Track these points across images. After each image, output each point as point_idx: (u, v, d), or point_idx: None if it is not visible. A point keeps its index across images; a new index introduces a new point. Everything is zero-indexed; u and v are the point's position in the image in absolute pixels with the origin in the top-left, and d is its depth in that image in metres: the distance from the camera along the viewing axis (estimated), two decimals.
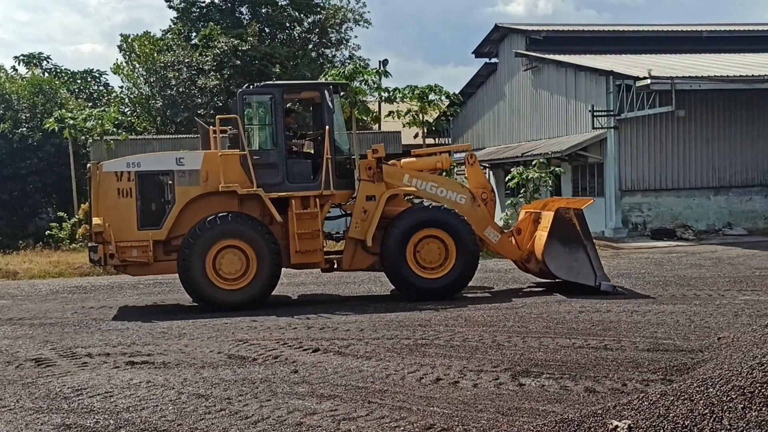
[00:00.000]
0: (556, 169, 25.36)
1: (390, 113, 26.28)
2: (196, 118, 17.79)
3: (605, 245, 23.28)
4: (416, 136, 29.28)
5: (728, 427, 4.20)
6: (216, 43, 39.12)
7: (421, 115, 26.11)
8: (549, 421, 5.36)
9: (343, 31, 45.48)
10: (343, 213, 15.14)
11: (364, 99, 26.39)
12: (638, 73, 23.65)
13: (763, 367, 4.58)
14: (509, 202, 25.90)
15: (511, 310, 12.44)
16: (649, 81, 22.49)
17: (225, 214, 13.54)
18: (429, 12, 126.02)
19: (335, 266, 14.56)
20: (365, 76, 24.98)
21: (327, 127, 13.93)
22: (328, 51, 45.63)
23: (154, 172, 13.91)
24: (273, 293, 14.00)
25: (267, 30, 43.31)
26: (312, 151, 14.74)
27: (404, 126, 27.61)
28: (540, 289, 14.89)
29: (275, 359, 9.38)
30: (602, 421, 5.00)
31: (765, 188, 26.25)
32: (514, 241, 15.29)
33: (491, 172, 32.69)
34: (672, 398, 4.77)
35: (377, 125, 37.37)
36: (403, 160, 15.25)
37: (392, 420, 6.78)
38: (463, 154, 15.99)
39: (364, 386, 7.97)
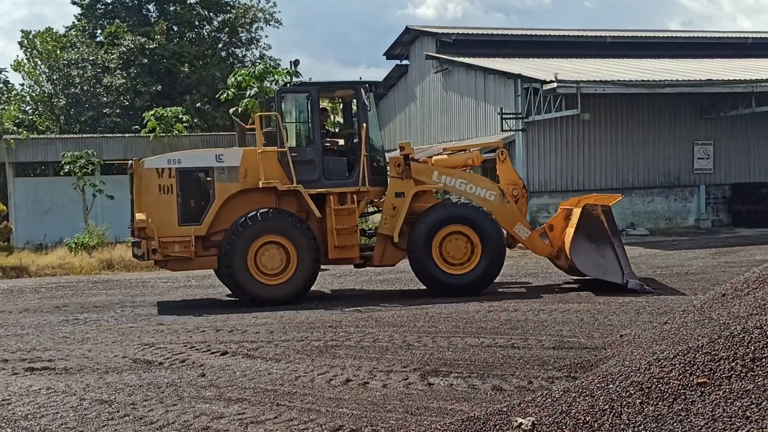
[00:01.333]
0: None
1: None
2: (232, 116, 17.77)
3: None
4: None
5: (627, 421, 4.30)
6: (122, 41, 38.22)
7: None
8: (456, 419, 5.40)
9: (253, 30, 45.04)
10: (377, 209, 15.42)
11: None
12: (545, 76, 24.10)
13: (659, 363, 4.71)
14: None
15: (421, 310, 12.52)
16: (555, 85, 22.95)
17: (266, 210, 13.80)
18: (340, 13, 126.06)
19: (367, 262, 14.82)
20: (276, 77, 24.77)
21: (363, 124, 14.26)
22: (238, 50, 45.12)
23: (194, 168, 14.16)
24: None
25: (175, 28, 42.57)
26: (345, 149, 15.00)
27: None
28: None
29: (182, 363, 9.22)
30: (507, 418, 5.06)
31: (665, 190, 27.10)
32: (547, 239, 15.33)
33: None
34: (574, 395, 4.87)
35: None
36: (434, 157, 15.44)
37: (301, 422, 6.73)
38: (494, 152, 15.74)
39: (273, 389, 7.90)
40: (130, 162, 14.77)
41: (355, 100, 14.82)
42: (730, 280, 8.99)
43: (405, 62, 34.48)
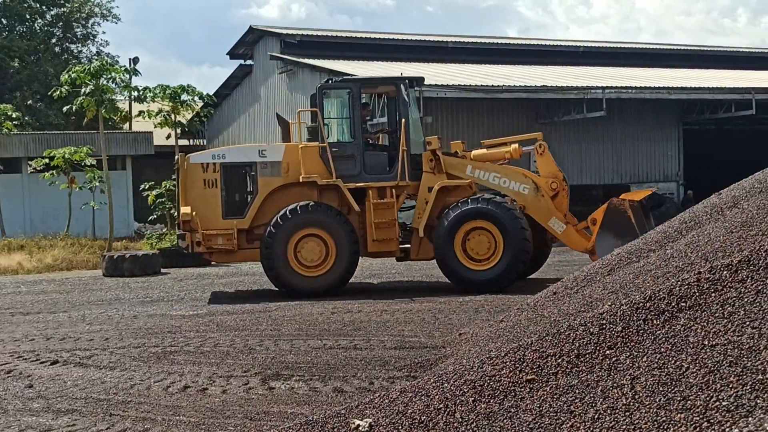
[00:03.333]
0: None
1: (141, 113, 25.33)
2: (277, 113, 17.32)
3: None
4: (168, 137, 28.50)
5: (460, 419, 4.38)
6: None
7: (173, 116, 25.39)
8: (295, 423, 5.35)
9: (89, 26, 43.36)
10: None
11: (113, 98, 25.26)
12: None
13: (492, 361, 4.82)
14: None
15: (264, 313, 12.38)
16: None
17: (306, 204, 14.07)
18: (182, 10, 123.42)
19: (407, 256, 14.78)
20: (113, 74, 23.89)
21: (403, 120, 14.45)
22: (73, 46, 43.32)
23: (238, 163, 14.59)
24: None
25: (4, 21, 40.40)
26: (387, 144, 15.03)
27: (156, 126, 26.76)
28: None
29: (8, 374, 8.71)
30: (345, 420, 5.05)
31: None
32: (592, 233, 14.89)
33: None
34: (410, 395, 4.92)
35: (127, 125, 35.97)
36: (473, 152, 15.23)
37: None
38: (533, 146, 15.39)
39: (107, 398, 7.58)
40: (176, 157, 15.11)
41: (395, 96, 14.95)
42: (562, 279, 9.34)
43: (249, 62, 34.11)
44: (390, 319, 11.41)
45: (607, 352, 4.48)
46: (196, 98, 26.59)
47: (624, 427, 3.69)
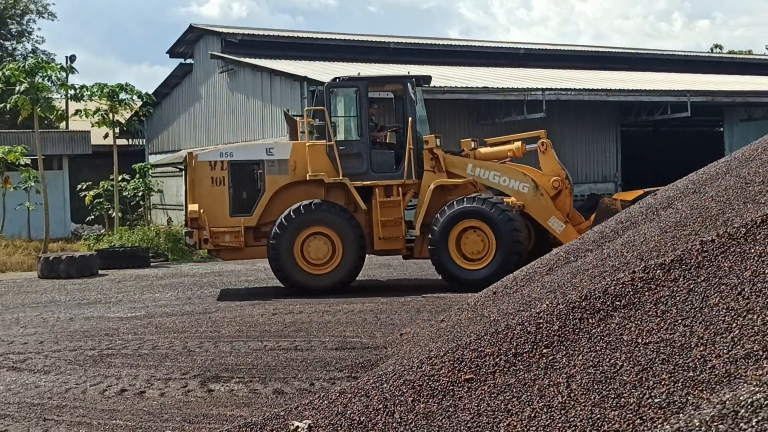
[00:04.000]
0: None
1: (77, 112, 24.84)
2: (284, 111, 16.96)
3: None
4: (106, 136, 28.03)
5: (399, 420, 4.38)
6: None
7: (111, 115, 24.94)
8: (234, 425, 5.30)
9: (24, 22, 42.43)
10: None
11: (49, 96, 24.74)
12: (330, 79, 24.35)
13: (431, 362, 4.84)
14: None
15: (204, 315, 12.25)
16: None
17: (311, 202, 14.20)
18: (120, 8, 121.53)
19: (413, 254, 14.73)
20: (49, 72, 23.39)
21: (410, 118, 14.48)
22: (7, 43, 42.34)
23: (246, 161, 14.74)
24: None
25: None
26: (395, 142, 14.96)
27: (93, 126, 26.27)
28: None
29: None
30: (284, 422, 5.02)
31: None
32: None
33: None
34: (350, 395, 4.91)
35: (64, 124, 35.29)
36: (479, 150, 15.16)
37: None
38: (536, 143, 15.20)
39: (41, 403, 7.42)
40: (184, 155, 15.25)
41: (402, 95, 14.97)
42: (502, 278, 9.43)
43: (189, 61, 33.70)
44: (331, 320, 11.39)
45: (544, 351, 4.53)
46: (134, 97, 26.21)
47: (560, 425, 3.73)
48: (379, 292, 14.13)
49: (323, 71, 27.03)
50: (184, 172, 15.28)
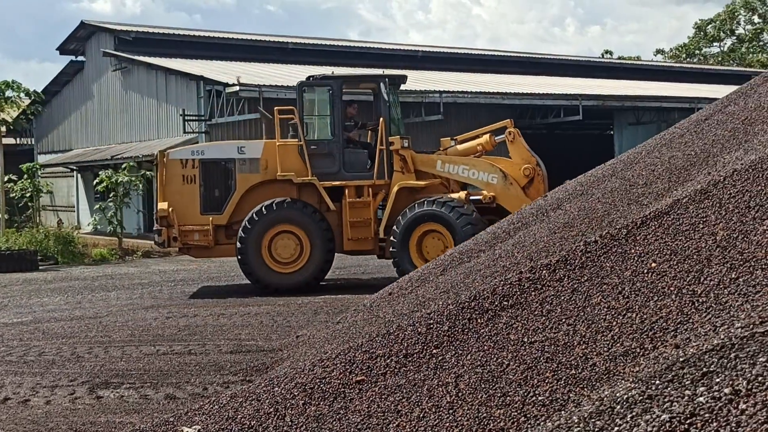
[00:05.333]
0: (148, 173, 24.90)
1: None
2: (259, 108, 16.02)
3: None
4: None
5: (290, 423, 4.36)
6: None
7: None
8: None
9: None
10: None
11: None
12: (228, 79, 24.10)
13: (323, 364, 4.83)
14: (98, 206, 24.96)
15: (95, 319, 11.91)
16: (238, 88, 23.02)
17: (280, 200, 14.21)
18: (7, 2, 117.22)
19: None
20: None
21: (381, 118, 14.44)
22: None
23: (217, 160, 14.72)
24: None
25: None
26: (370, 142, 15.00)
27: None
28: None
29: None
30: (174, 428, 4.93)
31: None
32: None
33: (80, 176, 31.24)
34: (241, 400, 4.85)
35: None
36: (450, 147, 15.03)
37: None
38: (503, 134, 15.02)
39: None
40: (156, 153, 15.30)
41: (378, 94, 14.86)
42: (398, 279, 9.49)
43: (81, 58, 32.79)
44: (227, 323, 11.24)
45: (434, 351, 4.57)
46: (22, 95, 25.32)
47: (447, 424, 3.77)
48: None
49: (220, 71, 26.72)
50: (155, 170, 15.26)
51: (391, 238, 14.21)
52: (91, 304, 13.61)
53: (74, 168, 31.30)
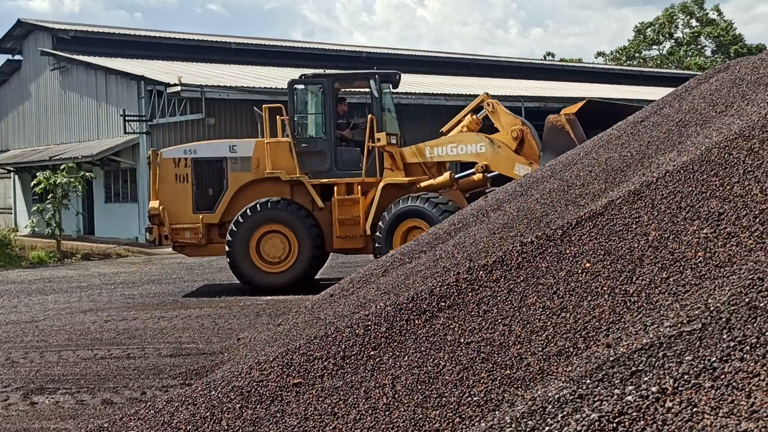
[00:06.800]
0: (87, 174, 24.49)
1: None
2: (254, 108, 15.46)
3: (138, 251, 23.09)
4: None
5: (226, 427, 4.32)
6: None
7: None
8: None
9: None
10: None
11: None
12: (169, 79, 23.84)
13: (260, 367, 4.80)
14: (36, 208, 24.47)
15: (31, 324, 11.66)
16: (179, 88, 22.79)
17: (267, 200, 14.17)
18: None
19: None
20: None
21: (369, 115, 14.31)
22: None
23: (209, 158, 14.72)
24: None
25: None
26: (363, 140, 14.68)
27: None
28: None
29: None
30: None
31: None
32: None
33: (17, 177, 30.60)
34: (177, 404, 4.79)
35: None
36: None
37: None
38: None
39: None
40: (149, 152, 15.32)
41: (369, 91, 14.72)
42: (340, 281, 9.46)
43: (18, 57, 32.13)
44: (167, 326, 11.10)
45: (372, 352, 4.57)
46: None
47: (383, 426, 3.77)
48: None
49: (162, 71, 26.41)
50: (148, 168, 15.32)
51: (377, 234, 14.17)
52: (27, 308, 13.32)
53: (11, 169, 30.67)
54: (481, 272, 4.91)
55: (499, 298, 4.57)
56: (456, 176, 14.88)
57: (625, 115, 11.64)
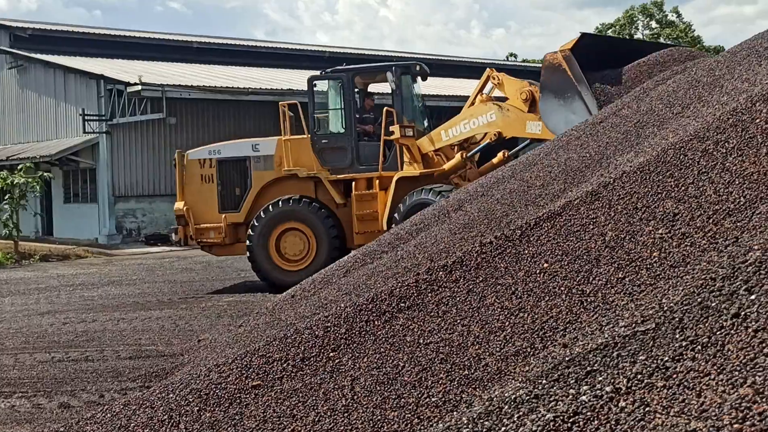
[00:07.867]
0: (46, 174, 24.15)
1: None
2: (281, 105, 14.96)
3: (98, 252, 22.84)
4: None
5: (184, 430, 4.29)
6: None
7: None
8: None
9: None
10: None
11: None
12: (130, 78, 23.61)
13: (219, 369, 4.77)
14: None
15: None
16: (140, 87, 22.58)
17: (286, 198, 14.15)
18: None
19: None
20: None
21: (385, 108, 14.14)
22: None
23: (233, 158, 14.82)
24: None
25: None
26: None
27: None
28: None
29: None
30: None
31: None
32: None
33: None
34: (134, 407, 4.74)
35: None
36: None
37: None
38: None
39: None
40: (174, 154, 15.45)
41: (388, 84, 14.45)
42: (301, 282, 9.43)
43: None
44: (127, 328, 10.99)
45: (331, 354, 4.56)
46: None
47: (342, 428, 3.76)
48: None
49: (122, 70, 26.15)
50: (175, 170, 15.42)
51: (393, 227, 14.03)
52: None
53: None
54: (440, 272, 4.92)
55: (458, 299, 4.59)
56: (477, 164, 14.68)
57: (623, 49, 11.76)
